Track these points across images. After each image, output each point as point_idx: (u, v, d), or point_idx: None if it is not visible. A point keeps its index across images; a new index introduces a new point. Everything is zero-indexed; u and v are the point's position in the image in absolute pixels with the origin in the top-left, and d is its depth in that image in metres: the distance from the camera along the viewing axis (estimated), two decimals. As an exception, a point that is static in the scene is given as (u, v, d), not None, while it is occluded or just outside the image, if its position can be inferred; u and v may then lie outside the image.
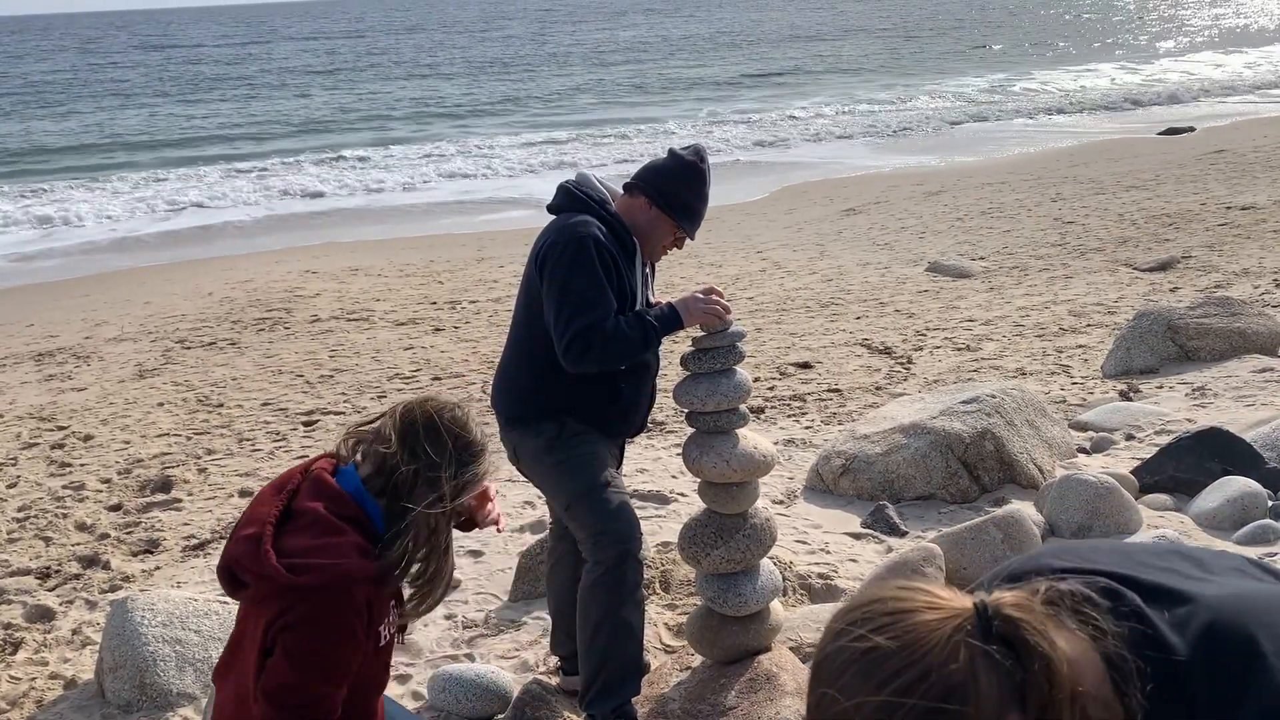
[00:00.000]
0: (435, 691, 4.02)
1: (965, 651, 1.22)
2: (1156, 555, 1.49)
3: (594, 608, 3.58)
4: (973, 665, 1.22)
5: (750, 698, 3.53)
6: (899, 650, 1.23)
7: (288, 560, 2.30)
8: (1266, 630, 1.28)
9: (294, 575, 2.28)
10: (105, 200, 20.07)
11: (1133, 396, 7.14)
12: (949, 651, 1.22)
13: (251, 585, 2.34)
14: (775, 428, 7.19)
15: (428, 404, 2.53)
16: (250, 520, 2.42)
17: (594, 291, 3.44)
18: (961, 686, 1.21)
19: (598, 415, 3.67)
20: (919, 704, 1.20)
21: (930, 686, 1.21)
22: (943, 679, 1.21)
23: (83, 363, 9.95)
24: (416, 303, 11.70)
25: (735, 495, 3.58)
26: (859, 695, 1.23)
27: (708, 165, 3.70)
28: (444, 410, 2.52)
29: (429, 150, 25.41)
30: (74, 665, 4.53)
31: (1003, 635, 1.24)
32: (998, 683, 1.22)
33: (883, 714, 1.21)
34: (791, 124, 28.20)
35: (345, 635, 2.32)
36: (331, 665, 2.32)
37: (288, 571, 2.28)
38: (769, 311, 10.63)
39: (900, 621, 1.26)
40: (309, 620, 2.28)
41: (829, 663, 1.28)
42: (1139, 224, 13.20)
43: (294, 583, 2.27)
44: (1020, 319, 9.59)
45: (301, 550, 2.31)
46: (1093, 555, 1.45)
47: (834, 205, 17.16)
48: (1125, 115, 27.71)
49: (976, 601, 1.27)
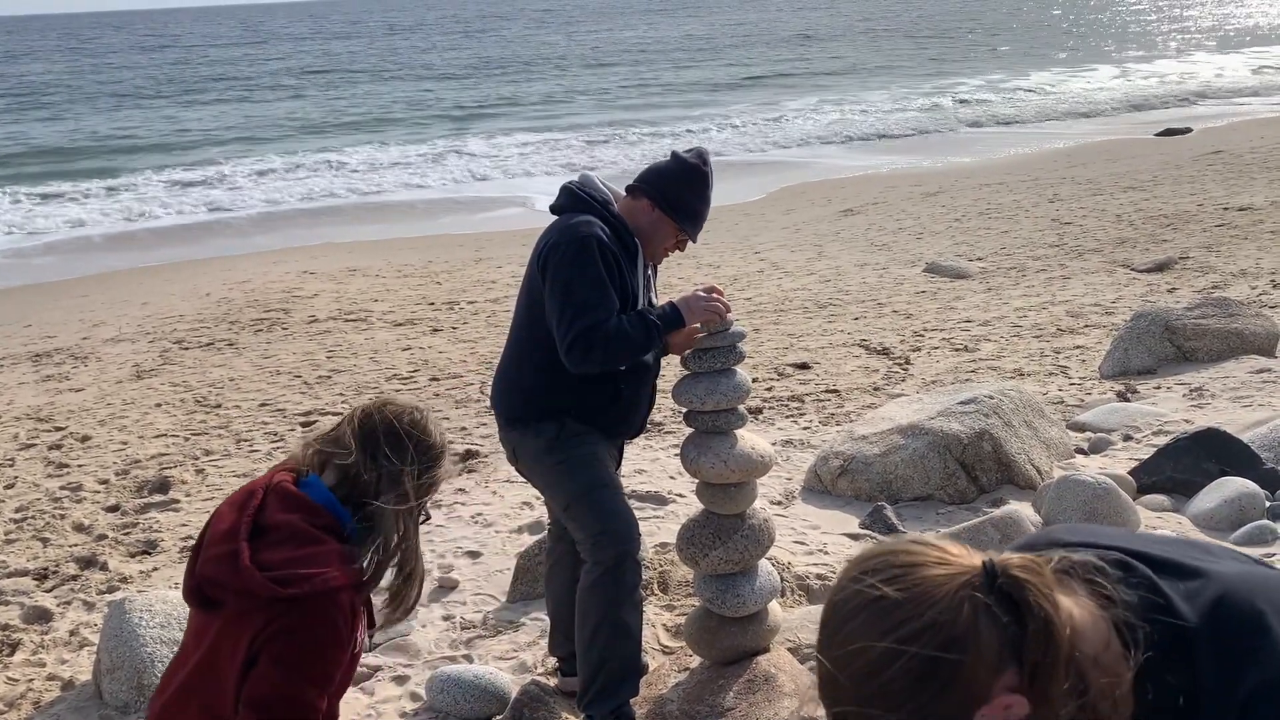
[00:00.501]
0: (433, 692, 4.02)
1: (969, 606, 1.28)
2: (1166, 540, 1.53)
3: (593, 609, 3.58)
4: (975, 619, 1.27)
5: (748, 699, 3.53)
6: (906, 601, 1.28)
7: (274, 574, 2.30)
8: (1274, 607, 1.32)
9: (283, 587, 2.27)
10: (100, 201, 20.05)
11: (1130, 397, 7.14)
12: (954, 605, 1.28)
13: (229, 603, 2.33)
14: (773, 428, 7.19)
15: (386, 409, 2.53)
16: (218, 538, 2.41)
17: (597, 292, 3.44)
18: (962, 638, 1.26)
19: (598, 416, 3.67)
20: (920, 652, 1.26)
21: (932, 637, 1.26)
22: (945, 630, 1.26)
23: (80, 363, 9.94)
24: (414, 303, 11.69)
25: (733, 496, 3.58)
26: (863, 640, 1.29)
27: (710, 168, 3.71)
28: (402, 414, 2.52)
29: (425, 150, 25.39)
30: (71, 666, 4.53)
31: (1007, 593, 1.29)
32: (997, 638, 1.27)
33: (885, 660, 1.27)
34: (789, 124, 28.19)
35: (336, 641, 2.32)
36: (321, 672, 2.31)
37: (276, 584, 2.27)
38: (767, 312, 10.62)
39: (910, 574, 1.31)
40: (299, 629, 2.28)
41: (839, 608, 1.34)
42: (1136, 225, 13.20)
43: (283, 594, 2.27)
44: (1018, 320, 9.59)
45: (285, 563, 2.31)
46: (1104, 534, 1.50)
47: (832, 206, 17.16)
48: (1122, 116, 27.73)
49: (985, 560, 1.32)
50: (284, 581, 2.28)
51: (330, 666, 2.33)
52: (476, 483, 6.46)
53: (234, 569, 2.32)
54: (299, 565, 2.30)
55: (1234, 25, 58.52)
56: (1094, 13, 79.14)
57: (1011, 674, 1.28)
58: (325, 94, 41.73)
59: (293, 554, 2.32)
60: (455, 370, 9.09)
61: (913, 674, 1.27)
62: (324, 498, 2.47)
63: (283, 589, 2.27)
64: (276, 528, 2.38)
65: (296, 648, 2.29)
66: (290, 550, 2.33)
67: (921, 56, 48.02)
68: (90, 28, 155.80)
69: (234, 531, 2.39)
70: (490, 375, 7.43)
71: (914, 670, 1.27)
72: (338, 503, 2.46)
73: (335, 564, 2.33)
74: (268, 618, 2.28)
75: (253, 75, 52.62)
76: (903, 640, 1.27)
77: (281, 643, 2.28)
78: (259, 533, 2.39)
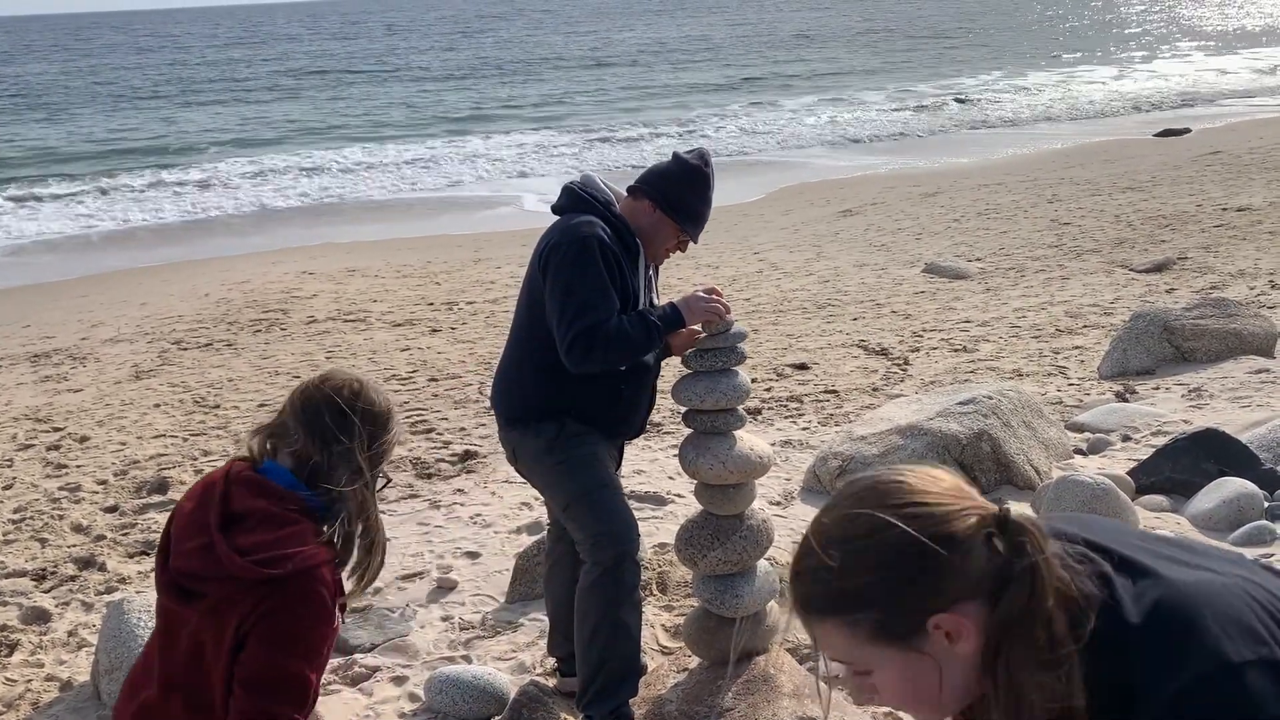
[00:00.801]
0: (432, 693, 4.02)
1: (975, 522, 1.35)
2: (1151, 539, 1.56)
3: (592, 609, 3.58)
4: (974, 535, 1.34)
5: (747, 699, 3.53)
6: (921, 492, 1.37)
7: (256, 557, 2.31)
8: (1214, 610, 1.35)
9: (268, 569, 2.29)
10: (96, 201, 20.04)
11: (1129, 397, 7.14)
12: (961, 515, 1.35)
13: (210, 593, 2.34)
14: (772, 429, 7.19)
15: (325, 385, 2.53)
16: (189, 532, 2.42)
17: (597, 292, 3.44)
18: (955, 540, 1.33)
19: (598, 416, 3.67)
20: (911, 533, 1.33)
21: (930, 525, 1.33)
22: (944, 526, 1.33)
23: (79, 364, 9.94)
24: (413, 304, 11.69)
25: (732, 497, 3.58)
26: (867, 508, 1.36)
27: (712, 169, 3.71)
28: (342, 389, 2.52)
29: (424, 151, 25.38)
30: (70, 667, 4.52)
31: (1013, 537, 1.36)
32: (985, 563, 1.33)
33: (879, 528, 1.34)
34: (787, 125, 28.20)
35: (323, 616, 2.34)
36: (311, 647, 2.34)
37: (261, 566, 2.29)
38: (766, 313, 10.62)
39: (937, 482, 1.39)
40: (287, 607, 2.30)
41: (853, 485, 1.43)
42: (1135, 225, 13.20)
43: (268, 576, 2.28)
44: (1017, 320, 9.59)
45: (265, 545, 2.33)
46: (1089, 525, 1.53)
47: (830, 206, 17.16)
48: (1121, 117, 27.75)
49: (1002, 506, 1.41)
50: (268, 563, 2.30)
51: (319, 642, 2.35)
52: (475, 483, 6.46)
53: (213, 559, 2.33)
54: (279, 547, 2.32)
55: (1234, 26, 58.56)
56: (1094, 13, 79.17)
57: (977, 605, 1.33)
58: (323, 95, 41.73)
59: (270, 536, 2.34)
60: (454, 371, 9.09)
61: (895, 549, 1.33)
62: (286, 481, 2.49)
63: (268, 570, 2.29)
64: (249, 514, 2.39)
65: (286, 627, 2.31)
66: (266, 533, 2.34)
67: (920, 57, 48.05)
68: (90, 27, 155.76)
69: (205, 523, 2.40)
70: (489, 376, 7.44)
71: (898, 546, 1.33)
72: (300, 484, 2.48)
73: (312, 541, 2.35)
74: (254, 601, 2.29)
75: (250, 76, 52.61)
76: (902, 517, 1.33)
77: (270, 623, 2.30)
78: (230, 522, 2.40)
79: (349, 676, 4.30)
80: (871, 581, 1.34)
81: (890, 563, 1.33)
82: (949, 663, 1.36)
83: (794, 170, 21.85)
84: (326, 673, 4.30)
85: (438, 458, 7.05)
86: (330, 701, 4.12)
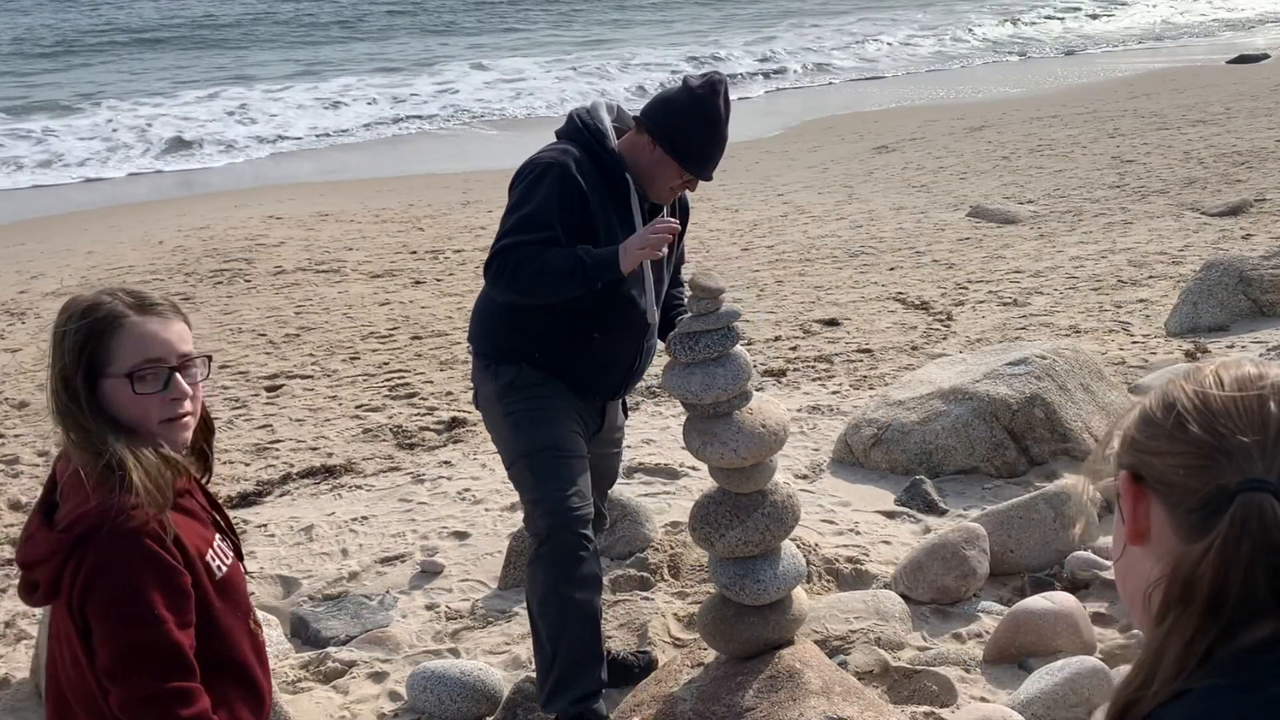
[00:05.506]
0: (415, 691, 4.00)
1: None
2: None
3: (535, 589, 3.64)
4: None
5: (770, 697, 3.50)
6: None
7: (59, 526, 2.34)
8: None
9: (66, 532, 2.29)
10: (37, 142, 19.91)
11: (1200, 357, 7.10)
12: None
13: (40, 580, 2.35)
14: (799, 392, 7.16)
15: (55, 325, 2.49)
16: (28, 523, 2.48)
17: (540, 216, 3.50)
18: (1250, 429, 1.29)
19: (565, 366, 3.71)
20: (1200, 420, 1.31)
21: (1223, 423, 1.30)
22: (1240, 420, 1.30)
23: (16, 320, 9.93)
24: (394, 252, 11.66)
25: (749, 474, 3.53)
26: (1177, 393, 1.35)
27: (724, 99, 3.63)
28: (60, 316, 2.46)
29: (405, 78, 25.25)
30: (7, 662, 4.53)
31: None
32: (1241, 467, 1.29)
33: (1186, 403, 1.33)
34: (818, 51, 28.00)
35: (149, 566, 2.30)
36: (149, 606, 2.29)
37: (62, 533, 2.30)
38: (791, 262, 10.59)
39: None
40: (100, 567, 2.28)
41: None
42: (1207, 163, 13.13)
43: (68, 539, 2.28)
44: (1074, 270, 9.55)
45: (69, 512, 2.34)
46: None
47: (864, 142, 17.09)
48: (1191, 41, 27.53)
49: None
50: (66, 526, 2.31)
51: (155, 597, 2.31)
52: (464, 454, 6.44)
53: (30, 541, 2.39)
54: (80, 508, 2.33)
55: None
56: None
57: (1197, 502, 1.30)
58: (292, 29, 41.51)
59: (76, 500, 2.35)
60: (440, 328, 9.06)
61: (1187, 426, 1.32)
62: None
63: (66, 533, 2.30)
64: (64, 487, 2.42)
65: (108, 588, 2.29)
66: (75, 502, 2.36)
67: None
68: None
69: (33, 512, 2.47)
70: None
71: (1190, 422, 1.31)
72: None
73: (113, 495, 2.31)
74: (69, 575, 2.29)
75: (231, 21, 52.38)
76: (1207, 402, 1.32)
77: (93, 591, 2.29)
78: (55, 509, 2.44)
79: (321, 672, 4.29)
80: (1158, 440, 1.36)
81: (1173, 433, 1.35)
82: None
83: (823, 100, 21.75)
84: (296, 668, 4.29)
85: (421, 425, 7.02)
86: (301, 700, 4.10)
